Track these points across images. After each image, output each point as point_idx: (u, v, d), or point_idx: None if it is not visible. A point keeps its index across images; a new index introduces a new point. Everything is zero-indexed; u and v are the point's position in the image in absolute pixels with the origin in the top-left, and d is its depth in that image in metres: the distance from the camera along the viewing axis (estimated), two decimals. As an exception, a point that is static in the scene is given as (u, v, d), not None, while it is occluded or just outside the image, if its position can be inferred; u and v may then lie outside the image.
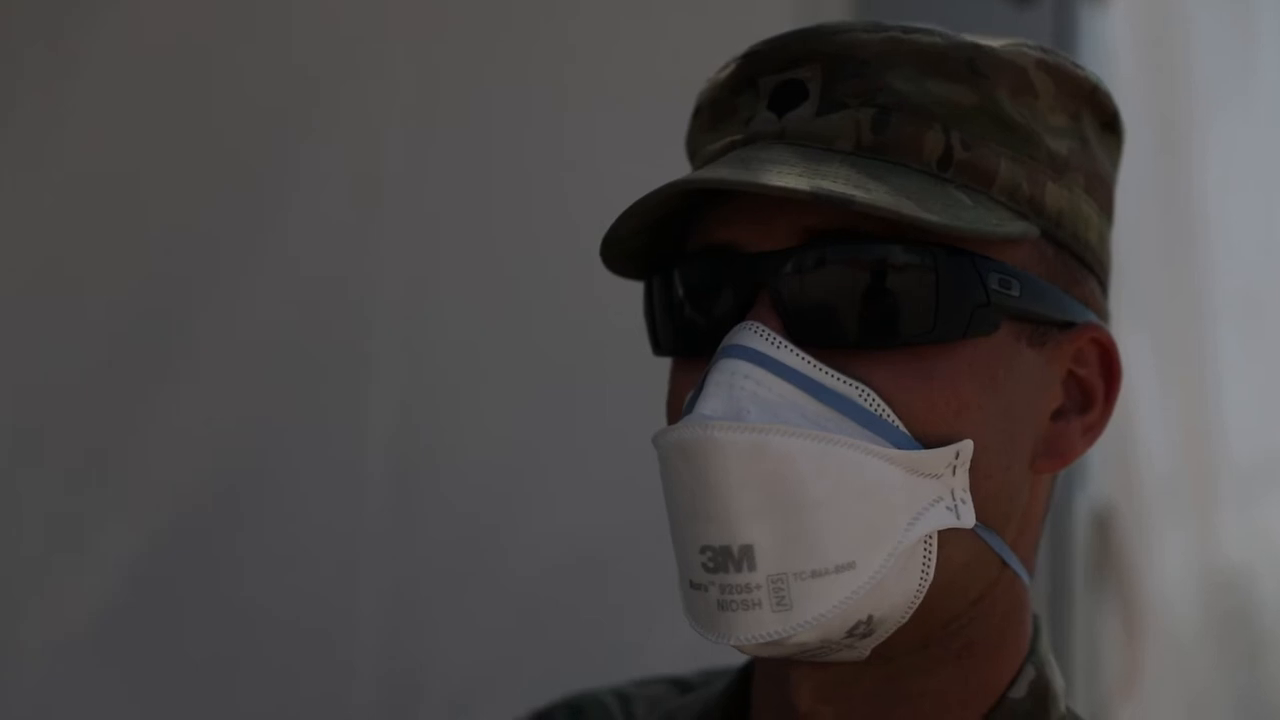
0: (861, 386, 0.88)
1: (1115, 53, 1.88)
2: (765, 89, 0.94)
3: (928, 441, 0.88)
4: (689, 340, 0.93)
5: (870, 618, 0.88)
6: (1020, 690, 0.96)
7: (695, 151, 0.99)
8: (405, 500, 1.56)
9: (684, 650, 1.12)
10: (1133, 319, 1.99)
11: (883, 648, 0.91)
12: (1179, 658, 2.16)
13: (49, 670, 1.45)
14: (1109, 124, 0.99)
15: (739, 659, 1.05)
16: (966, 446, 0.89)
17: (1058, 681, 0.99)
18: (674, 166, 1.00)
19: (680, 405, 0.92)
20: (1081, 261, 0.96)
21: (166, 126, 1.50)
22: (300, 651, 1.51)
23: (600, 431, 1.52)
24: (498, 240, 1.59)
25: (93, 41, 1.49)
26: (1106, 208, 0.98)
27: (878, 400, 0.88)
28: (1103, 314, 0.98)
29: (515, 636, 1.56)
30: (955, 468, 0.89)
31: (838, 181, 0.87)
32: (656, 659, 1.17)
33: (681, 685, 1.12)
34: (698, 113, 0.99)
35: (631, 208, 0.91)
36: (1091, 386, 0.96)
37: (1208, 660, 2.23)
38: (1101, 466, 1.90)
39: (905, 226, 0.88)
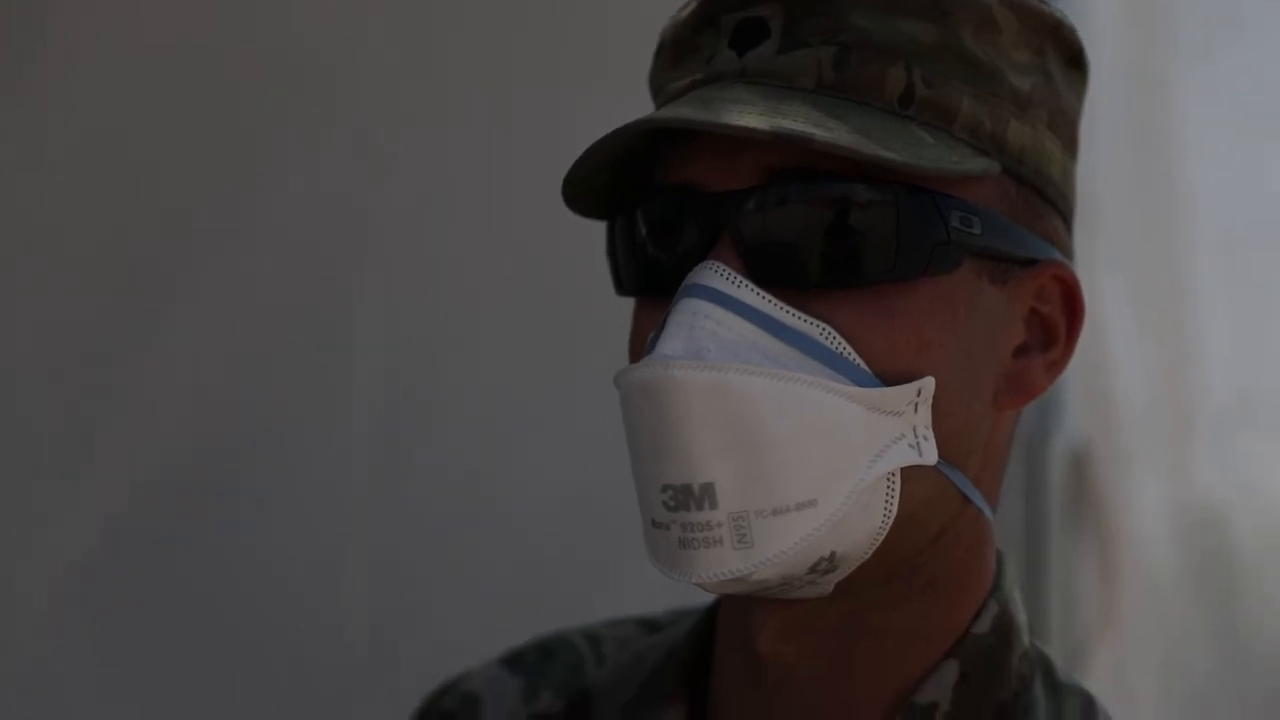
0: (822, 325, 0.88)
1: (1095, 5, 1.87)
2: (726, 27, 0.94)
3: (889, 379, 0.89)
4: (651, 280, 0.94)
5: (833, 554, 0.88)
6: (983, 625, 0.97)
7: (658, 90, 0.99)
8: (391, 461, 1.56)
9: (668, 603, 1.13)
10: (1109, 259, 1.99)
11: (845, 583, 0.91)
12: (1156, 596, 2.16)
13: (39, 630, 1.46)
14: (1074, 59, 0.99)
15: (708, 599, 1.05)
16: (928, 384, 0.89)
17: (1021, 617, 1.00)
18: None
19: (642, 345, 0.92)
20: (1044, 198, 0.96)
21: (156, 112, 1.50)
22: (288, 614, 1.52)
23: (587, 389, 1.52)
24: (485, 199, 1.59)
25: (90, 34, 1.48)
26: (1070, 144, 0.98)
27: (839, 339, 0.88)
28: (1066, 250, 0.99)
29: (502, 595, 1.57)
30: (917, 405, 0.89)
31: (798, 120, 0.87)
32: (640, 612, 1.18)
33: (650, 625, 1.13)
34: (660, 51, 0.99)
35: (592, 146, 0.91)
36: (1054, 323, 0.96)
37: (1185, 599, 2.23)
38: (1077, 405, 1.90)
39: (866, 165, 0.88)
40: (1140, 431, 2.08)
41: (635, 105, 1.01)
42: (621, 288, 0.97)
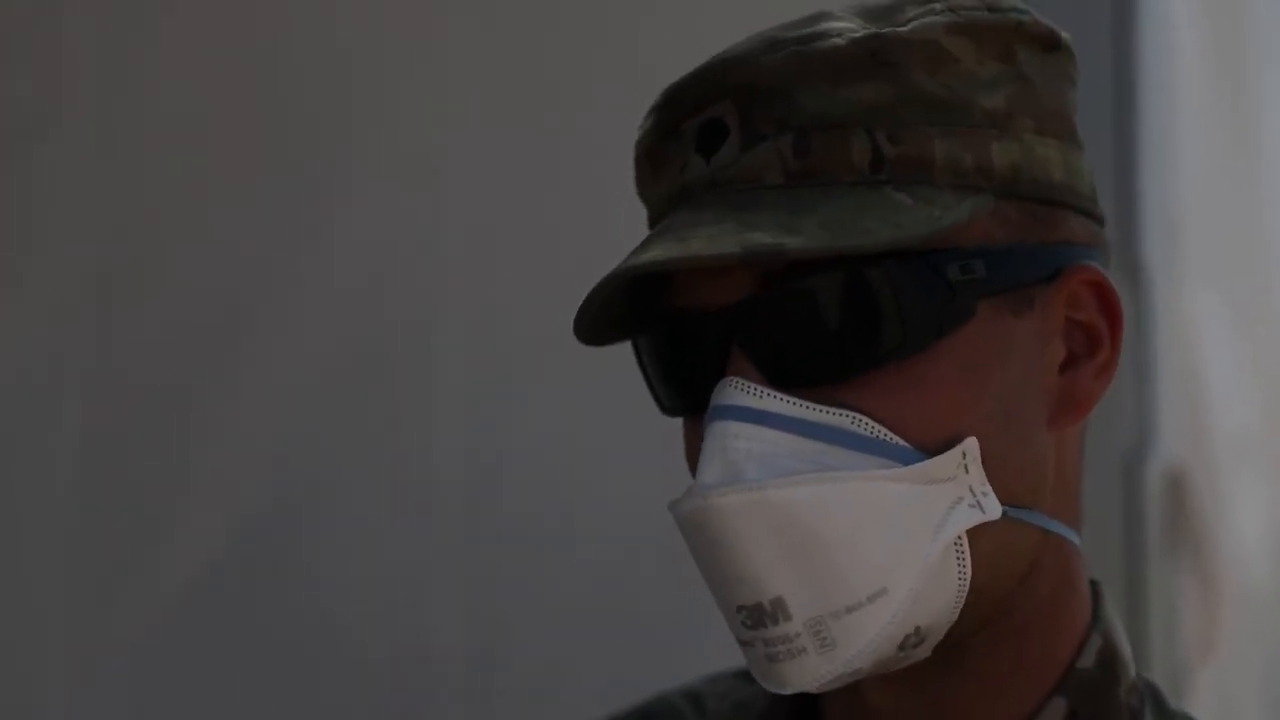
0: (852, 414, 0.88)
1: (1175, 10, 1.85)
2: (689, 134, 0.93)
3: (931, 449, 0.88)
4: (686, 401, 0.94)
5: (918, 629, 0.88)
6: (1088, 659, 0.96)
7: (645, 200, 0.99)
8: (475, 490, 1.56)
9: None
10: (1201, 275, 1.96)
11: (942, 641, 0.91)
12: (1257, 617, 2.14)
13: (136, 663, 1.48)
14: (1049, 45, 0.95)
15: None
16: (971, 445, 0.88)
17: (1125, 648, 0.98)
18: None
19: (694, 462, 0.93)
20: (1051, 203, 0.93)
21: (223, 125, 1.51)
22: (376, 651, 1.53)
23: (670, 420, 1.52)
24: (558, 231, 1.58)
25: (147, 42, 1.50)
26: (1068, 134, 0.95)
27: (870, 423, 0.88)
28: (1092, 241, 0.96)
29: (590, 625, 1.56)
30: (966, 466, 0.88)
31: (768, 230, 0.86)
32: (729, 639, 1.17)
33: (748, 675, 1.11)
34: (638, 162, 0.98)
35: (589, 295, 0.91)
36: (1094, 327, 0.94)
37: (1285, 617, 2.21)
38: (1172, 426, 1.88)
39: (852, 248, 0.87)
40: (1236, 452, 2.06)
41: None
42: (665, 409, 0.98)
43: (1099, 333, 0.95)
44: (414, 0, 1.58)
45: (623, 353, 1.57)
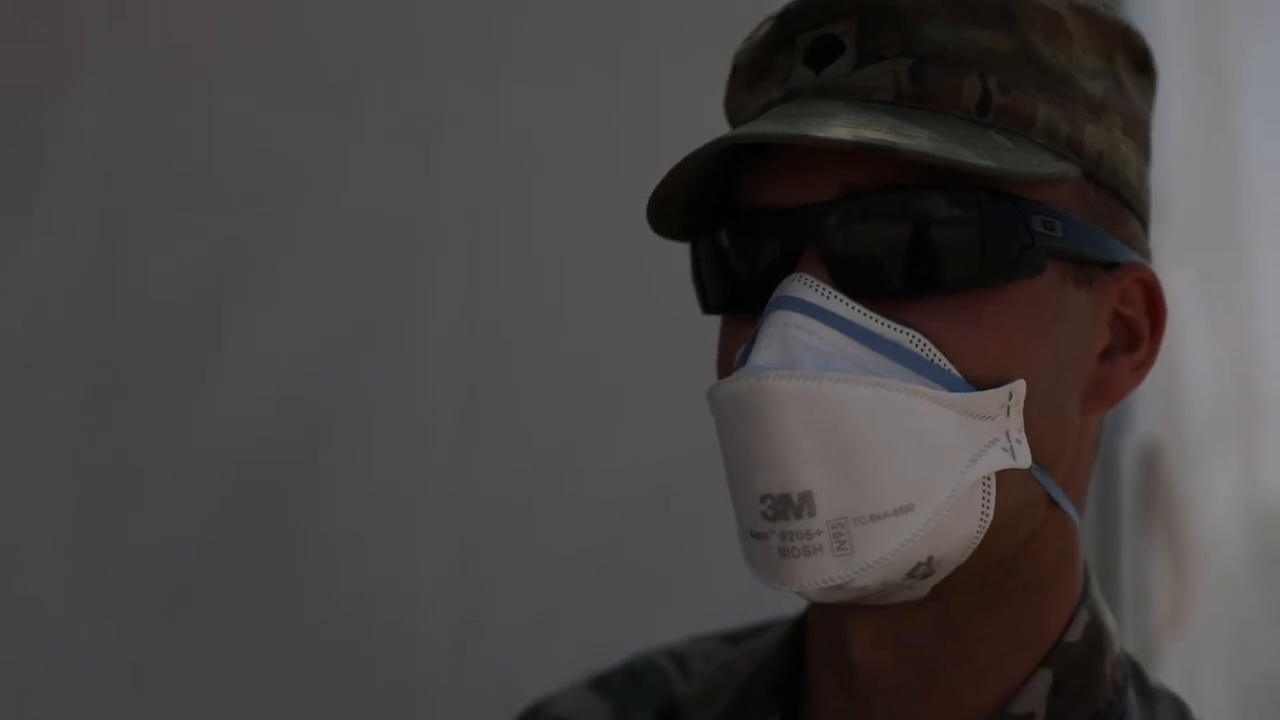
0: (912, 332, 0.89)
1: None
2: (801, 45, 0.94)
3: (980, 384, 0.89)
4: (737, 297, 0.94)
5: (930, 559, 0.89)
6: (1075, 634, 0.97)
7: (734, 112, 1.00)
8: (467, 458, 1.57)
9: (745, 598, 1.12)
10: (1178, 252, 1.96)
11: (940, 587, 0.92)
12: (1227, 593, 2.15)
13: (127, 620, 1.50)
14: (1141, 63, 0.99)
15: (794, 609, 1.06)
16: (1019, 387, 0.90)
17: (1111, 624, 1.00)
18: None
19: (730, 361, 0.93)
20: (1122, 200, 0.96)
21: (225, 79, 1.53)
22: (362, 606, 1.54)
23: (667, 377, 1.53)
24: (558, 183, 1.59)
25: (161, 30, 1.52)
26: (1144, 148, 0.99)
27: (929, 345, 0.89)
28: (1145, 253, 0.99)
29: (576, 585, 1.57)
30: (1009, 409, 0.90)
31: (879, 130, 0.88)
32: (717, 607, 1.17)
33: (733, 639, 1.13)
34: (735, 73, 0.99)
35: (676, 167, 0.91)
36: (1138, 325, 0.97)
37: (1255, 595, 2.22)
38: (1148, 403, 1.88)
39: (947, 174, 0.89)
40: (1211, 429, 2.06)
41: (702, 85, 1.00)
42: (708, 307, 0.98)
43: (1140, 331, 0.97)
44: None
45: (620, 327, 1.58)
